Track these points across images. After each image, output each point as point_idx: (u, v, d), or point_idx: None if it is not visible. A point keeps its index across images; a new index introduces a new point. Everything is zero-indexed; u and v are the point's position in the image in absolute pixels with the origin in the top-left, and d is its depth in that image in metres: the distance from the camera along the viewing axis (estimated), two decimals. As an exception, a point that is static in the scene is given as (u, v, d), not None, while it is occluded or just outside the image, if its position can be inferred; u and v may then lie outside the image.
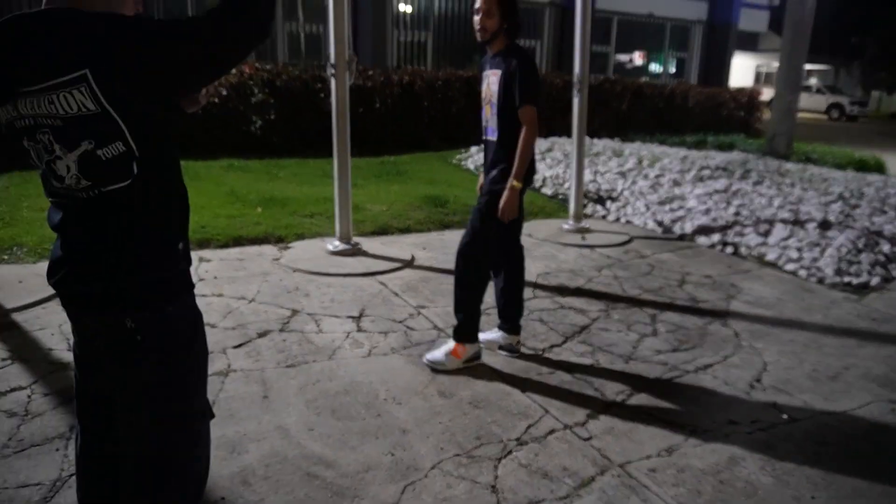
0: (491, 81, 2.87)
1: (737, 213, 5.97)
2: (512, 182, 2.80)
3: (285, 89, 8.39)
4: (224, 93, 8.02)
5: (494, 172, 2.90)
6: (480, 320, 3.03)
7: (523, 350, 3.20)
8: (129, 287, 1.26)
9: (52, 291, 3.57)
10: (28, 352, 2.95)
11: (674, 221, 5.91)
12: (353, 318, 3.51)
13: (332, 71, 4.37)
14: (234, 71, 8.32)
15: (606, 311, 3.83)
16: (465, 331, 2.98)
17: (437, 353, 2.96)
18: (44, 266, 4.14)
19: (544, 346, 3.28)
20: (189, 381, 1.39)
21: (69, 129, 1.16)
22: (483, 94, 2.96)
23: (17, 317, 3.32)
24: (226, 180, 6.65)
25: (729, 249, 5.26)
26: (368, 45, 13.01)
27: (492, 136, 2.93)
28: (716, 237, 5.45)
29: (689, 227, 5.72)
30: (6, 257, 4.19)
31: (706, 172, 7.59)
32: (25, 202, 5.34)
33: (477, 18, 2.80)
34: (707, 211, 6.04)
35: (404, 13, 14.30)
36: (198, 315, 1.41)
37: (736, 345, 3.41)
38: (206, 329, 1.47)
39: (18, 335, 3.13)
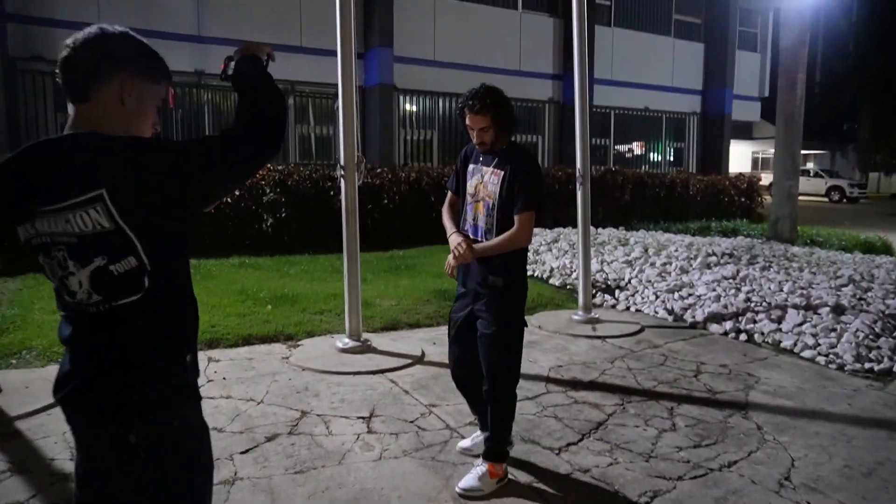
0: (489, 181, 2.72)
1: (747, 300, 5.93)
2: (475, 248, 2.65)
3: (296, 188, 8.64)
4: (237, 192, 8.26)
5: (492, 278, 2.70)
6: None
7: (539, 449, 3.09)
8: (134, 401, 1.25)
9: (58, 397, 3.54)
10: (29, 462, 2.87)
11: (684, 309, 5.86)
12: (363, 418, 3.43)
13: (342, 172, 4.51)
14: (246, 172, 8.62)
15: (622, 405, 3.73)
16: (503, 449, 2.79)
17: (470, 480, 2.69)
18: (52, 370, 4.12)
19: (560, 445, 3.17)
20: (193, 498, 1.34)
21: (83, 246, 1.21)
22: (471, 190, 2.79)
23: (21, 424, 3.26)
24: (237, 278, 6.72)
25: (743, 337, 5.19)
26: (376, 144, 13.52)
27: (479, 236, 2.76)
28: (728, 324, 5.38)
29: (700, 315, 5.67)
30: (14, 361, 4.17)
31: (713, 259, 7.62)
32: (38, 304, 5.39)
33: (474, 134, 2.71)
34: (717, 298, 6.01)
35: (410, 112, 14.94)
36: (203, 428, 1.38)
37: (759, 439, 3.29)
38: (213, 434, 1.44)
39: (21, 444, 3.06)
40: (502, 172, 2.70)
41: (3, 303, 5.45)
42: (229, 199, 8.16)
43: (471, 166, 2.85)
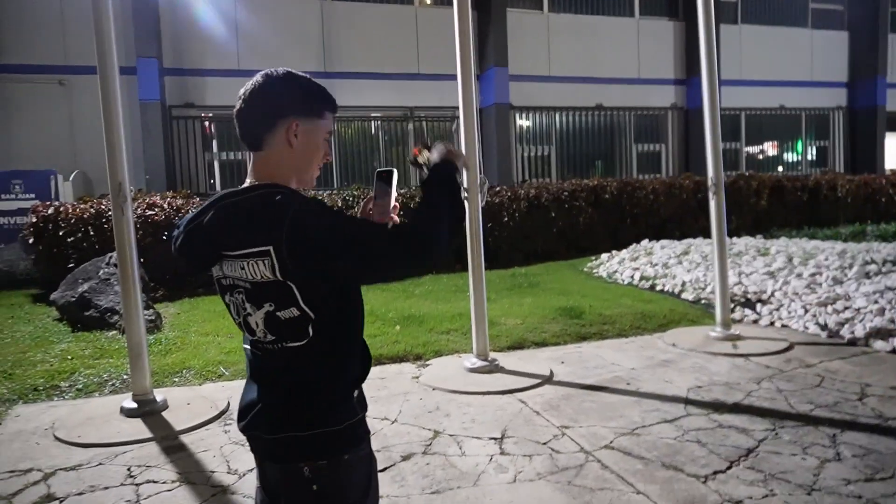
0: None
1: (919, 313, 5.25)
2: None
3: (418, 211, 8.88)
4: (363, 218, 8.65)
5: None
6: None
7: (683, 477, 2.91)
8: (306, 437, 1.31)
9: (214, 413, 3.86)
10: (193, 474, 3.14)
11: (840, 324, 5.31)
12: (495, 439, 3.42)
13: (465, 195, 4.58)
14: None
15: (774, 430, 3.43)
16: None
17: None
18: (208, 388, 4.48)
19: (706, 473, 2.96)
20: None
21: (256, 292, 1.30)
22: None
23: (185, 438, 3.59)
24: (366, 299, 6.93)
25: (916, 355, 4.60)
26: (494, 162, 13.63)
27: None
28: (896, 341, 4.80)
29: (860, 331, 5.10)
30: (177, 380, 4.60)
31: (872, 267, 6.85)
32: (194, 327, 5.93)
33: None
34: (882, 311, 5.38)
35: (527, 129, 14.94)
36: (372, 462, 1.41)
37: (947, 473, 2.88)
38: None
39: (185, 457, 3.36)
40: None
41: (165, 326, 6.05)
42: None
43: None
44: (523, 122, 14.91)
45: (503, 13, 13.82)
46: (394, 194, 1.46)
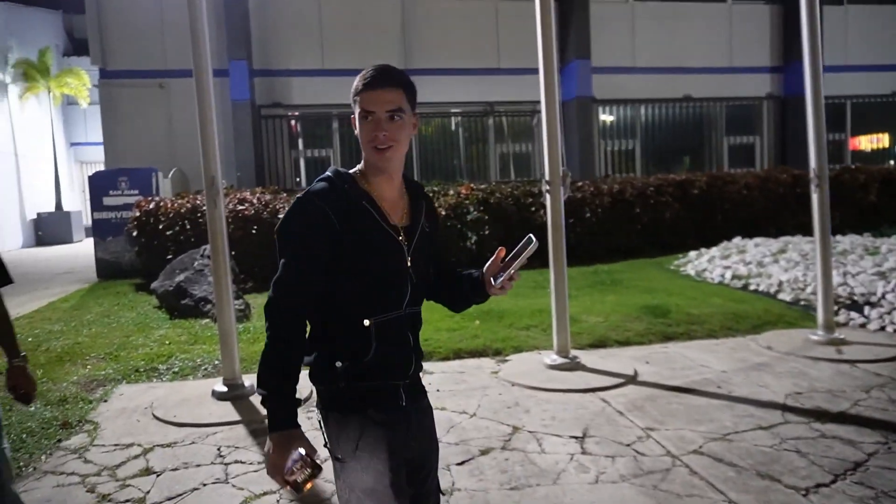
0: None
1: None
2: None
3: (498, 206, 8.82)
4: (443, 213, 8.68)
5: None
6: None
7: (780, 488, 2.72)
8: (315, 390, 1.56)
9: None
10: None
11: (964, 330, 4.82)
12: (576, 438, 3.32)
13: (547, 187, 4.49)
14: (451, 192, 9.02)
15: (886, 443, 3.14)
16: None
17: None
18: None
19: (808, 485, 2.76)
20: (356, 490, 1.44)
21: None
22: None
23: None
24: (444, 294, 7.01)
25: None
26: (576, 157, 13.35)
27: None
28: None
29: None
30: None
31: None
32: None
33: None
34: None
35: (610, 123, 14.54)
36: (361, 434, 1.48)
37: None
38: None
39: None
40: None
41: (253, 316, 6.31)
42: (436, 219, 8.58)
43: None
44: (606, 115, 14.52)
45: (585, 4, 13.50)
46: (520, 262, 1.55)
